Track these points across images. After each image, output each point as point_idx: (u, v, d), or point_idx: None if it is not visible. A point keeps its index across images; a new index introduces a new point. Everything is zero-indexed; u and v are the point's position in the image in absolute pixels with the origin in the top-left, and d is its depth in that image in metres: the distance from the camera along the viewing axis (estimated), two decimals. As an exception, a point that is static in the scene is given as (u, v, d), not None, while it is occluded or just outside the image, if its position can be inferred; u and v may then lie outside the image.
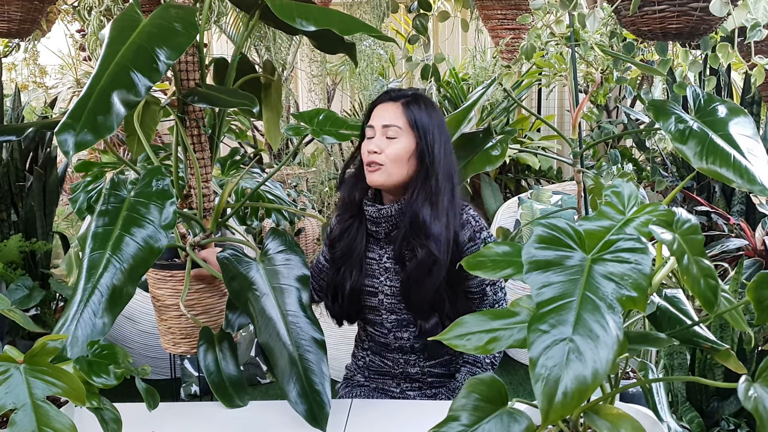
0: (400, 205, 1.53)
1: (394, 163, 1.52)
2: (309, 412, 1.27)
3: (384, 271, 1.59)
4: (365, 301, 1.60)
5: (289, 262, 1.42)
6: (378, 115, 1.55)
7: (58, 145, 1.07)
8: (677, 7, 1.52)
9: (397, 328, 1.59)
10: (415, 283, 1.50)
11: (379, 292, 1.59)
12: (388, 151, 1.51)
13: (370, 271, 1.60)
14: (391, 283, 1.58)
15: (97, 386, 0.98)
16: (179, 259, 1.59)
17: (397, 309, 1.58)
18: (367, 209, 1.57)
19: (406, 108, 1.54)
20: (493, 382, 0.81)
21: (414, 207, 1.50)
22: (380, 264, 1.59)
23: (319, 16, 1.38)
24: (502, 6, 2.26)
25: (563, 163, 3.58)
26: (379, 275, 1.59)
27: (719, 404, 1.65)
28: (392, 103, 1.55)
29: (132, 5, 1.31)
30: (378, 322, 1.61)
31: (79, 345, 1.08)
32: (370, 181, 1.54)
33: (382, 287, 1.59)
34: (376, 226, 1.58)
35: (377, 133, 1.53)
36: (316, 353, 1.32)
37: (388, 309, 1.58)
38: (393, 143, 1.52)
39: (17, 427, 0.85)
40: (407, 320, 1.58)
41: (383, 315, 1.59)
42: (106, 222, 1.23)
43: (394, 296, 1.57)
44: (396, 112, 1.53)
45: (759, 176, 1.13)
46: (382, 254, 1.59)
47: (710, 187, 2.85)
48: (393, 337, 1.60)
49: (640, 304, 0.69)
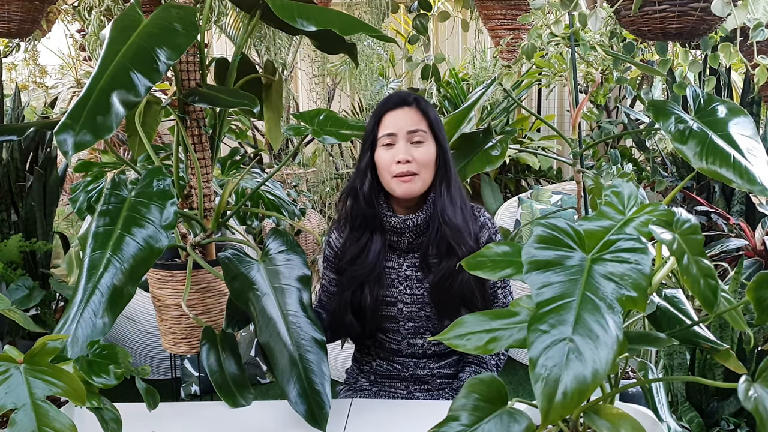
0: (425, 213, 1.50)
1: (426, 168, 1.48)
2: (309, 412, 1.27)
3: (404, 280, 1.55)
4: (384, 311, 1.56)
5: (290, 262, 1.42)
6: (397, 122, 1.49)
7: (58, 145, 1.07)
8: (678, 7, 1.52)
9: (412, 336, 1.57)
10: (447, 281, 1.47)
11: (398, 301, 1.55)
12: (418, 157, 1.47)
13: (389, 282, 1.55)
14: (411, 292, 1.54)
15: (97, 386, 0.98)
16: (180, 259, 1.59)
17: (416, 317, 1.55)
18: (390, 220, 1.51)
19: (423, 110, 1.51)
20: (493, 382, 0.81)
21: (445, 211, 1.47)
22: (399, 273, 1.55)
23: (320, 16, 1.38)
24: (502, 6, 2.26)
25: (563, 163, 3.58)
26: (398, 284, 1.55)
27: (719, 404, 1.65)
28: (407, 108, 1.51)
29: (132, 5, 1.31)
30: (394, 330, 1.57)
31: (80, 345, 1.08)
32: (403, 192, 1.47)
33: (402, 296, 1.55)
34: (398, 236, 1.53)
35: (401, 140, 1.48)
36: (316, 353, 1.32)
37: (406, 317, 1.55)
38: (420, 148, 1.48)
39: (17, 427, 0.85)
40: (424, 327, 1.56)
41: (400, 323, 1.56)
42: (106, 222, 1.23)
43: (414, 304, 1.54)
44: (416, 116, 1.50)
45: (759, 176, 1.13)
46: (401, 263, 1.55)
47: (710, 187, 2.85)
48: (407, 344, 1.58)
49: (640, 304, 0.69)
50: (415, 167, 1.47)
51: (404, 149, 1.47)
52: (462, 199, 1.53)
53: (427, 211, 1.50)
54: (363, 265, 1.52)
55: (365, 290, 1.53)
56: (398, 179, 1.47)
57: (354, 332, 1.59)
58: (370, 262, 1.52)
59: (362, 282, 1.53)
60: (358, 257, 1.53)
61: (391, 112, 1.50)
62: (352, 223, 1.55)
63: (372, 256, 1.52)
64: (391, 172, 1.48)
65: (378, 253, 1.52)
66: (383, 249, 1.54)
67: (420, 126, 1.49)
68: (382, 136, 1.49)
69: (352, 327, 1.56)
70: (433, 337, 0.87)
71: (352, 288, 1.54)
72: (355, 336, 1.62)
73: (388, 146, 1.49)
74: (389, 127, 1.49)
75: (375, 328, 1.58)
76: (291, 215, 1.89)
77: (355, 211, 1.53)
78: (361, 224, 1.53)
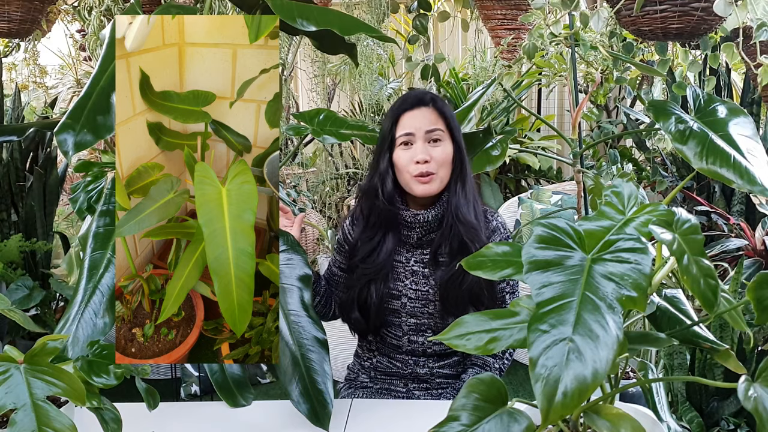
0: (438, 210, 1.51)
1: (444, 167, 1.49)
2: (311, 411, 1.27)
3: (410, 275, 1.56)
4: (387, 304, 1.57)
5: (291, 262, 1.42)
6: (414, 122, 1.50)
7: (58, 145, 1.07)
8: (678, 7, 1.52)
9: (413, 332, 1.57)
10: (458, 278, 1.47)
11: (403, 295, 1.56)
12: (437, 156, 1.48)
13: (395, 275, 1.57)
14: (416, 287, 1.55)
15: (97, 386, 0.98)
16: (179, 259, 1.59)
17: (418, 313, 1.56)
18: (403, 213, 1.52)
19: (440, 110, 1.51)
20: (494, 381, 0.81)
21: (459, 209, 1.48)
22: (406, 267, 1.56)
23: (320, 16, 1.38)
24: (502, 6, 2.26)
25: (563, 163, 3.58)
26: (405, 278, 1.56)
27: (719, 404, 1.65)
28: (425, 107, 1.51)
29: (132, 5, 1.31)
30: (396, 325, 1.58)
31: (80, 345, 1.08)
32: (422, 192, 1.48)
33: (407, 290, 1.56)
34: (409, 230, 1.54)
35: (419, 140, 1.49)
36: (318, 353, 1.32)
37: (409, 312, 1.56)
38: (438, 148, 1.49)
39: (17, 427, 0.85)
40: (426, 324, 1.56)
41: (402, 318, 1.57)
42: (107, 222, 1.23)
43: (418, 300, 1.55)
44: (433, 116, 1.51)
45: (759, 176, 1.13)
46: (409, 257, 1.56)
47: (710, 187, 2.85)
48: (407, 340, 1.58)
49: (640, 304, 0.69)
50: (434, 167, 1.48)
51: (422, 149, 1.48)
52: (475, 198, 1.54)
53: (439, 209, 1.51)
54: (374, 263, 1.54)
55: (372, 287, 1.54)
56: (417, 179, 1.48)
57: (359, 327, 1.61)
58: (380, 261, 1.54)
59: (370, 279, 1.55)
60: (369, 255, 1.55)
61: (409, 112, 1.51)
62: (367, 221, 1.56)
63: (383, 255, 1.54)
64: (410, 172, 1.49)
65: (389, 253, 1.54)
66: (395, 248, 1.55)
67: (437, 125, 1.50)
68: (399, 136, 1.50)
69: (357, 323, 1.59)
70: (433, 337, 0.87)
71: (360, 284, 1.55)
72: (360, 330, 1.63)
73: (406, 146, 1.50)
74: (407, 127, 1.50)
75: (380, 323, 1.59)
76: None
77: (374, 210, 1.54)
78: (376, 223, 1.55)
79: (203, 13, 1.52)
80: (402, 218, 1.52)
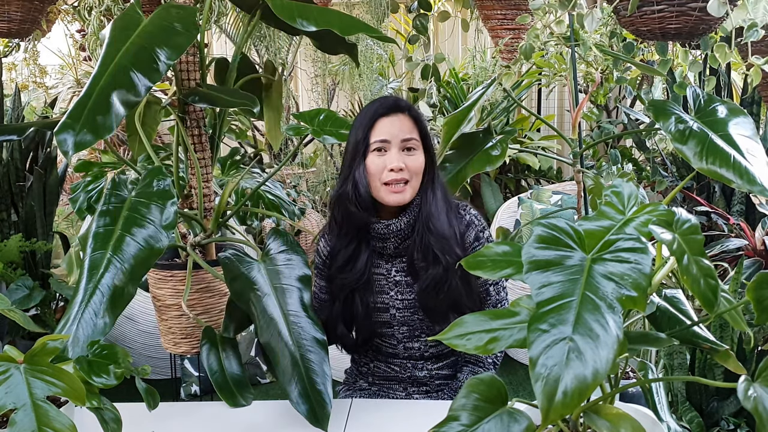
0: (409, 217, 1.48)
1: (417, 176, 1.47)
2: (310, 411, 1.27)
3: (394, 285, 1.54)
4: (377, 317, 1.55)
5: (290, 262, 1.42)
6: (391, 129, 1.46)
7: (58, 145, 1.07)
8: (676, 7, 1.52)
9: (408, 339, 1.56)
10: (434, 288, 1.45)
11: (391, 306, 1.54)
12: (410, 165, 1.45)
13: (378, 288, 1.54)
14: (402, 297, 1.53)
15: (97, 386, 0.98)
16: (180, 259, 1.59)
17: (409, 321, 1.54)
18: (375, 226, 1.48)
19: (416, 118, 1.49)
20: (493, 381, 0.81)
21: (430, 219, 1.46)
22: (389, 279, 1.54)
23: (320, 16, 1.38)
24: (502, 6, 2.26)
25: (563, 163, 3.58)
26: (389, 290, 1.54)
27: (719, 404, 1.65)
28: (401, 114, 1.48)
29: (132, 5, 1.31)
30: (389, 335, 1.57)
31: (80, 345, 1.08)
32: (394, 201, 1.45)
33: (393, 302, 1.54)
34: (383, 242, 1.51)
35: (394, 147, 1.45)
36: (317, 353, 1.32)
37: (400, 322, 1.55)
38: (412, 156, 1.46)
39: (17, 427, 0.85)
40: (419, 330, 1.56)
41: (395, 327, 1.56)
42: (107, 222, 1.23)
43: (406, 309, 1.54)
44: (410, 124, 1.48)
45: (759, 176, 1.13)
46: (390, 268, 1.54)
47: (710, 187, 2.85)
48: (403, 347, 1.57)
49: (640, 303, 0.69)
50: (407, 175, 1.45)
51: (397, 157, 1.45)
52: (448, 205, 1.51)
53: (410, 215, 1.48)
54: (352, 272, 1.51)
55: (356, 299, 1.52)
56: (389, 188, 1.45)
57: (347, 342, 1.58)
58: (358, 269, 1.50)
59: (352, 289, 1.52)
60: (347, 264, 1.51)
61: (385, 118, 1.47)
62: (341, 229, 1.51)
63: (360, 264, 1.51)
64: (382, 179, 1.45)
65: (366, 261, 1.51)
66: (371, 256, 1.53)
67: (413, 134, 1.47)
68: (374, 142, 1.46)
69: (344, 337, 1.56)
70: (433, 337, 0.87)
71: (342, 296, 1.53)
72: (349, 345, 1.60)
73: (380, 152, 1.46)
74: (383, 134, 1.46)
75: (369, 336, 1.57)
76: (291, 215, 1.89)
77: (348, 217, 1.49)
78: (350, 231, 1.50)
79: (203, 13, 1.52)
80: (375, 231, 1.49)
